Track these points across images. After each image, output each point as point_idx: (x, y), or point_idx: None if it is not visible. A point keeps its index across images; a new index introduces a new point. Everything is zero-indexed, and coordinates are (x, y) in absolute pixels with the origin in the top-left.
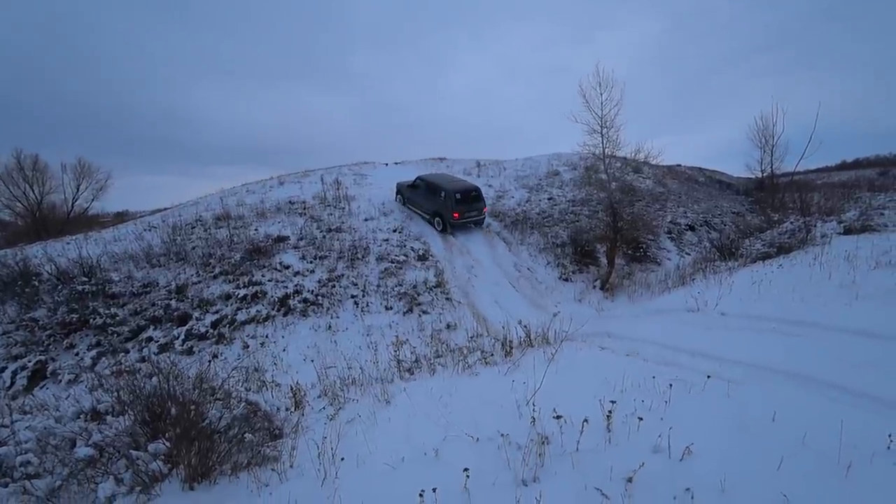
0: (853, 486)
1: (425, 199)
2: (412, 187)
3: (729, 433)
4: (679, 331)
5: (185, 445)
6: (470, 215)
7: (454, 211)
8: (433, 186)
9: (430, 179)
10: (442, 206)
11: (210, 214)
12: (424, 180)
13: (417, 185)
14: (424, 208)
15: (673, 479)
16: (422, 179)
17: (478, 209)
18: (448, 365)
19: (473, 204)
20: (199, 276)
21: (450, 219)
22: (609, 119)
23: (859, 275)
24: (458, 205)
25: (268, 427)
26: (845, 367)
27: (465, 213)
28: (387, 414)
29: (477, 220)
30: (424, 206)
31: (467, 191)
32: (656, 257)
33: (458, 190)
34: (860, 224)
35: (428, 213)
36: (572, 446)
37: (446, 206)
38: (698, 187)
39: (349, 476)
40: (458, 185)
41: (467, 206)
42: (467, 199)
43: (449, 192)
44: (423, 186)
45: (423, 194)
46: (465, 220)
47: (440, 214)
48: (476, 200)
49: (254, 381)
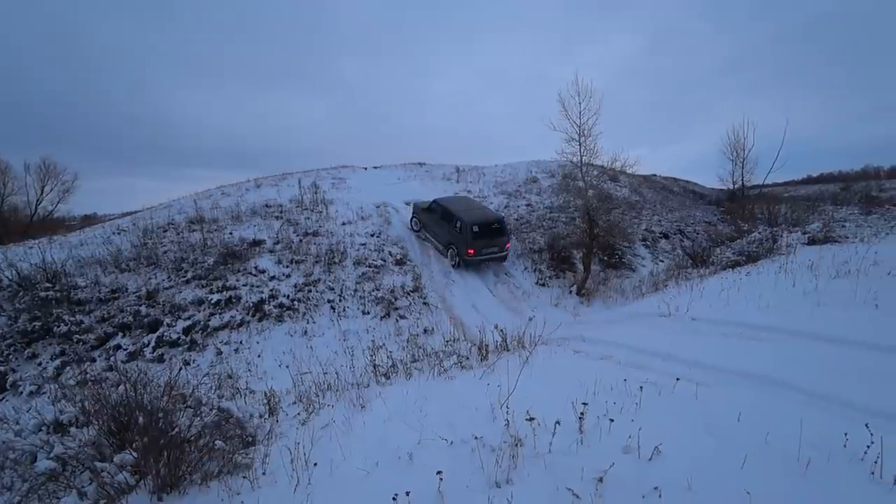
0: (812, 482)
1: (439, 227)
2: (428, 211)
3: (696, 434)
4: (651, 335)
5: (153, 455)
6: (489, 251)
7: (469, 246)
8: (448, 213)
9: (446, 204)
10: (456, 237)
11: (183, 217)
12: (440, 204)
13: (433, 210)
14: (438, 237)
15: (642, 478)
16: (437, 203)
17: (499, 245)
18: (424, 369)
19: (494, 238)
20: (171, 281)
21: (464, 254)
22: (587, 128)
23: (821, 283)
24: (476, 239)
25: (240, 434)
26: (806, 369)
27: (483, 250)
28: (362, 419)
29: (498, 258)
30: (438, 235)
31: (487, 222)
32: (631, 264)
33: (477, 221)
34: (823, 235)
35: (441, 242)
36: (545, 448)
37: (461, 238)
38: (673, 197)
39: (322, 482)
40: (477, 214)
41: (486, 241)
42: (486, 231)
43: (465, 223)
44: (439, 212)
45: (438, 221)
46: (483, 257)
47: (454, 247)
48: (497, 234)
49: (227, 387)
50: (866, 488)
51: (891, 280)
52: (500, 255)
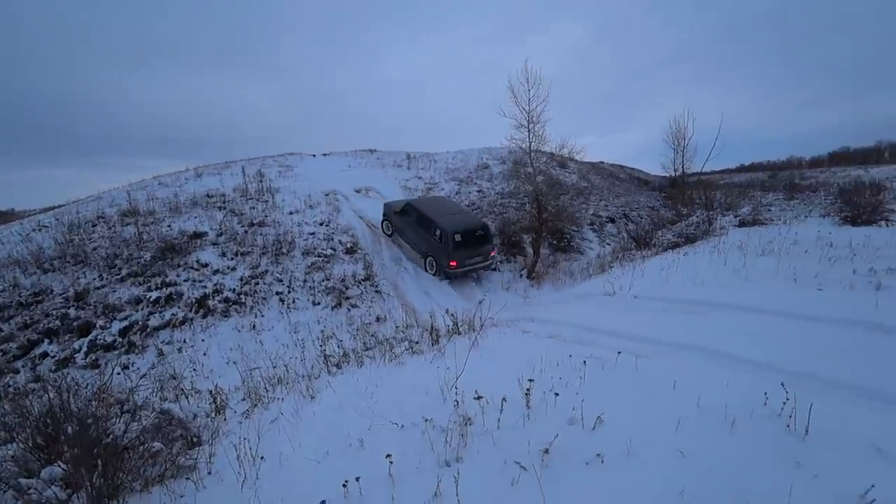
0: (737, 438)
1: (415, 233)
2: (402, 214)
3: (636, 402)
4: (596, 313)
5: (85, 466)
6: (473, 262)
7: (451, 258)
8: (425, 219)
9: (422, 208)
10: (436, 247)
11: (115, 210)
12: (415, 208)
13: (407, 212)
14: (415, 245)
15: (586, 446)
16: (412, 206)
17: (483, 253)
18: (376, 357)
19: (479, 247)
20: (103, 280)
21: (446, 266)
22: (535, 115)
23: (749, 260)
24: (459, 249)
25: (183, 435)
26: (734, 338)
27: (467, 260)
28: (311, 409)
29: (482, 268)
30: (415, 243)
31: (471, 230)
32: (579, 247)
33: (459, 229)
34: (752, 218)
35: (418, 251)
36: (493, 425)
37: (442, 249)
38: (619, 183)
39: (271, 475)
40: (459, 220)
41: (470, 251)
42: (470, 240)
43: (446, 231)
44: (414, 215)
45: (413, 226)
46: (467, 268)
47: (433, 257)
48: (482, 241)
49: (170, 389)
50: (783, 439)
51: (807, 257)
52: (485, 265)
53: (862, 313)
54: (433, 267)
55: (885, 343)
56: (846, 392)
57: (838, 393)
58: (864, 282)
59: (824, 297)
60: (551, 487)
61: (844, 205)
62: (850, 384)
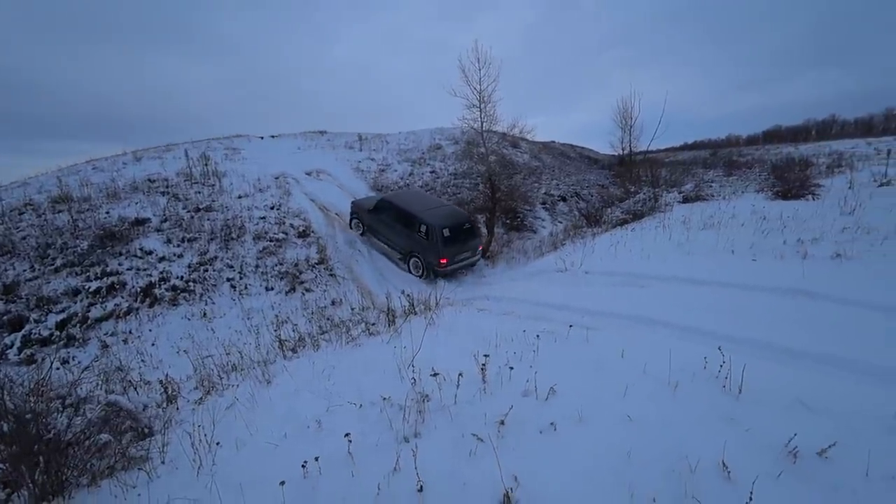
0: (679, 400)
1: (392, 232)
2: (375, 211)
3: (587, 372)
4: (549, 289)
5: (25, 464)
6: (463, 257)
7: (441, 255)
8: (406, 215)
9: (401, 204)
10: (422, 245)
11: (45, 197)
12: (393, 203)
13: (382, 209)
14: (394, 244)
15: (539, 416)
16: (388, 202)
17: (472, 248)
18: (333, 340)
19: (467, 241)
20: (35, 271)
21: (435, 265)
22: (486, 95)
23: (691, 234)
24: (448, 245)
25: (133, 426)
26: (677, 308)
27: (457, 257)
28: (267, 394)
29: (471, 263)
30: (393, 241)
31: (458, 223)
32: (532, 226)
33: (447, 224)
34: (695, 194)
35: (399, 250)
36: (450, 400)
37: (429, 246)
38: (570, 162)
39: (228, 461)
40: (444, 214)
41: (459, 247)
42: (459, 235)
43: (433, 226)
44: (391, 212)
45: (390, 223)
46: (457, 264)
47: (418, 256)
48: (470, 235)
49: (116, 381)
50: (720, 399)
51: (744, 230)
52: (474, 260)
53: (790, 281)
54: (418, 267)
55: (811, 307)
56: (776, 353)
57: (769, 354)
58: (792, 252)
59: (758, 267)
60: (507, 456)
61: (776, 180)
62: (779, 346)
